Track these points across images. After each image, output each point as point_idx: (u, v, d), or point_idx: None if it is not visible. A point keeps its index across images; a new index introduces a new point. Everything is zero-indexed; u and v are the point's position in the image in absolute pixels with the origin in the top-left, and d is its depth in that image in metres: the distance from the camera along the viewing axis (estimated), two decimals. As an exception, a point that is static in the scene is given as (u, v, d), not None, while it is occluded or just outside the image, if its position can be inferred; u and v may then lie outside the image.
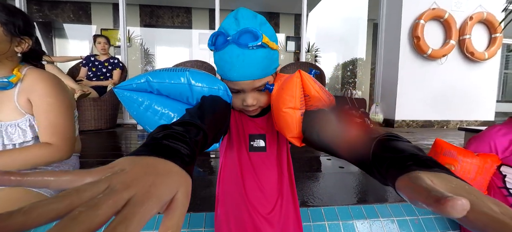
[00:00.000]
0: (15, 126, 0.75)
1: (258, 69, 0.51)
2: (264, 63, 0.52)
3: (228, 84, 0.55)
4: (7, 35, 0.71)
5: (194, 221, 0.80)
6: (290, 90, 0.50)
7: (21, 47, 0.76)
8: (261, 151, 0.61)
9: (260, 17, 0.53)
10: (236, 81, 0.53)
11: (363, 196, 1.00)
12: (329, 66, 6.75)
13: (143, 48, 5.73)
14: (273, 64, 0.55)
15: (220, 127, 0.48)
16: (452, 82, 3.58)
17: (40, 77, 0.77)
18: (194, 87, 0.52)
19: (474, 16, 3.42)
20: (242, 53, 0.49)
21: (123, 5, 3.22)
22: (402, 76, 3.44)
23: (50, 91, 0.76)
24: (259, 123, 0.63)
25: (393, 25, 3.55)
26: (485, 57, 3.50)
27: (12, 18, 0.71)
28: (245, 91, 0.55)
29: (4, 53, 0.72)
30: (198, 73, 0.54)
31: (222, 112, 0.51)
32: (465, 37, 3.42)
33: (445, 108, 3.63)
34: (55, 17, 5.20)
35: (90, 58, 2.80)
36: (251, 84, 0.53)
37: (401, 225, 0.87)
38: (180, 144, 0.28)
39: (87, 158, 1.51)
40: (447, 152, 0.83)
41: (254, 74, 0.52)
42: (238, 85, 0.54)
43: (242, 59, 0.49)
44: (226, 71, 0.53)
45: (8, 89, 0.74)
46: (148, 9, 5.47)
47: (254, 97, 0.55)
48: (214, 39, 0.52)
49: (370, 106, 3.96)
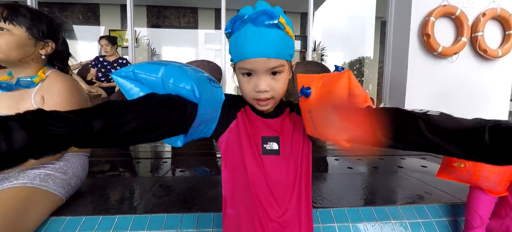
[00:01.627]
0: None
1: (273, 48, 0.51)
2: (280, 44, 0.52)
3: (241, 64, 0.54)
4: (32, 39, 0.77)
5: (202, 221, 0.80)
6: (339, 90, 0.46)
7: (45, 50, 0.82)
8: (274, 154, 0.59)
9: (278, 7, 0.54)
10: (250, 58, 0.51)
11: (372, 198, 0.98)
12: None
13: (150, 48, 5.79)
14: (289, 49, 0.55)
15: (158, 124, 0.44)
16: (464, 80, 3.49)
17: (59, 78, 0.82)
18: (166, 83, 0.50)
19: (487, 13, 3.32)
20: (258, 31, 0.50)
21: (131, 6, 3.25)
22: (411, 74, 3.37)
23: (61, 91, 0.80)
24: (272, 125, 0.61)
25: (402, 23, 3.48)
26: (498, 55, 3.40)
27: (36, 23, 0.77)
28: (258, 74, 0.53)
29: (29, 55, 0.78)
30: (173, 68, 0.52)
31: (160, 110, 0.45)
32: (477, 34, 3.33)
33: (456, 107, 3.54)
34: (65, 18, 5.31)
35: (99, 59, 2.85)
36: (265, 63, 0.52)
37: (413, 227, 0.84)
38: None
39: (97, 157, 1.53)
40: None
41: (269, 52, 0.51)
42: (251, 64, 0.52)
43: (258, 36, 0.50)
44: (240, 49, 0.52)
45: (31, 88, 0.80)
46: (155, 9, 5.52)
47: (267, 82, 0.53)
48: (232, 23, 0.53)
49: (377, 105, 3.90)
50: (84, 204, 0.87)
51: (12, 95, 0.80)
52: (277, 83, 0.55)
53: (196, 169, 1.29)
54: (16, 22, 0.74)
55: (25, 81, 0.78)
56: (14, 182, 0.73)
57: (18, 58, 0.77)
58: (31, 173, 0.77)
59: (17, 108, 0.79)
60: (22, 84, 0.79)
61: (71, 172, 0.86)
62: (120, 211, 0.83)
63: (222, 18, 3.41)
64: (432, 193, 1.02)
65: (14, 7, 0.75)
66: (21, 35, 0.76)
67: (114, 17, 5.39)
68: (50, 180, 0.79)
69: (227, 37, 0.56)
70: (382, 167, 1.41)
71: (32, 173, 0.77)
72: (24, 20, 0.76)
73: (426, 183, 1.12)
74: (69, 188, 0.85)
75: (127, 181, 1.12)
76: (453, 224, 0.88)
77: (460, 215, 0.90)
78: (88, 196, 0.94)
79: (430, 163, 1.51)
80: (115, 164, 1.41)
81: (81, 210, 0.83)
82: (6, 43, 0.73)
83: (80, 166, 0.92)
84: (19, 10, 0.75)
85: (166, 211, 0.83)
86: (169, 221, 0.80)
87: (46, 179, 0.78)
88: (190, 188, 1.03)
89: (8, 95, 0.80)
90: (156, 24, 5.64)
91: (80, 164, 0.92)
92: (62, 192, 0.81)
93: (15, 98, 0.79)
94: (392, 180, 1.18)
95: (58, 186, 0.80)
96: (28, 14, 0.76)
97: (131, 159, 1.57)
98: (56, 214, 0.79)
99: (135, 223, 0.79)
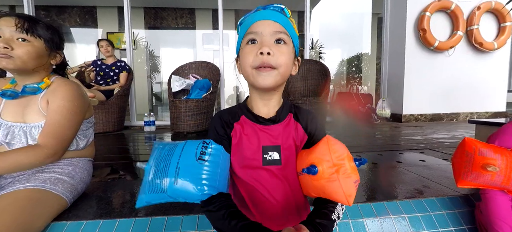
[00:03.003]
0: (38, 128, 0.80)
1: (278, 17, 0.55)
2: (285, 20, 0.56)
3: (248, 31, 0.56)
4: (47, 49, 0.83)
5: (202, 223, 0.81)
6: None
7: (55, 60, 0.89)
8: (275, 165, 0.58)
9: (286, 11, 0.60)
10: (257, 21, 0.55)
11: (372, 194, 0.98)
12: (333, 62, 6.70)
13: (148, 50, 5.79)
14: (292, 31, 0.58)
15: None
16: (461, 73, 3.50)
17: (63, 83, 0.86)
18: (178, 199, 0.56)
19: (482, 6, 3.33)
20: (266, 10, 0.56)
21: (128, 8, 3.25)
22: (409, 69, 3.38)
23: (64, 95, 0.83)
24: (273, 132, 0.60)
25: (398, 18, 3.49)
26: (494, 47, 3.42)
27: (52, 36, 0.83)
28: (262, 38, 0.54)
29: (43, 65, 0.83)
30: (172, 189, 0.55)
31: None
32: (473, 28, 3.34)
33: (454, 100, 3.55)
34: (62, 22, 5.29)
35: (96, 62, 2.84)
36: (271, 26, 0.54)
37: (412, 221, 0.85)
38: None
39: (97, 160, 1.53)
40: (483, 151, 0.70)
41: (275, 17, 0.55)
42: (257, 26, 0.55)
43: (265, 11, 0.56)
44: (248, 22, 0.57)
45: (37, 94, 0.83)
46: (152, 11, 5.52)
47: (271, 46, 0.53)
48: (244, 17, 0.59)
49: (376, 101, 3.91)
50: (85, 208, 0.87)
51: (18, 102, 0.83)
52: (281, 53, 0.54)
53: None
54: (37, 34, 0.78)
55: (32, 88, 0.81)
56: (26, 184, 0.74)
57: (33, 67, 0.81)
58: (41, 176, 0.78)
59: (23, 113, 0.82)
60: (28, 91, 0.82)
61: (78, 177, 0.88)
62: (120, 215, 0.83)
63: (219, 19, 3.41)
64: (431, 187, 1.02)
65: (34, 19, 0.79)
66: (40, 47, 0.80)
67: (111, 20, 5.38)
68: (60, 184, 0.80)
69: (238, 32, 0.61)
70: (382, 163, 1.42)
71: (43, 176, 0.79)
72: (43, 32, 0.80)
73: (425, 177, 1.13)
74: (75, 193, 0.87)
75: (127, 184, 1.12)
76: (451, 217, 0.89)
77: (458, 208, 0.91)
78: (89, 200, 0.94)
79: (429, 157, 1.52)
80: (115, 167, 1.41)
81: (81, 215, 0.83)
82: (27, 53, 0.77)
83: (86, 171, 0.93)
84: (39, 23, 0.79)
85: (166, 214, 0.83)
86: (169, 223, 0.80)
87: (56, 183, 0.79)
88: (190, 189, 1.03)
89: (14, 102, 0.82)
90: (154, 26, 5.64)
91: (86, 169, 0.93)
92: (69, 197, 0.82)
93: (21, 105, 0.82)
94: (392, 175, 1.19)
95: (67, 190, 0.81)
96: (44, 26, 0.81)
97: (131, 161, 1.57)
98: (57, 218, 0.80)
99: (136, 226, 0.79)
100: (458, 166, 0.76)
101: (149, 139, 2.43)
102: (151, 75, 5.96)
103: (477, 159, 0.69)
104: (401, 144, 1.96)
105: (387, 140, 2.19)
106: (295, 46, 0.59)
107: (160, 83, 6.14)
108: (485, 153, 0.69)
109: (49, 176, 0.80)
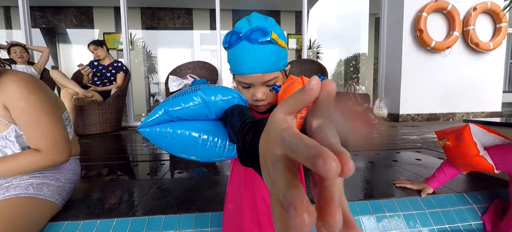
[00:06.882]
0: (3, 139, 0.72)
1: (267, 63, 0.56)
2: (273, 58, 0.56)
3: (239, 78, 0.59)
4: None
5: (200, 221, 0.81)
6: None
7: None
8: None
9: (271, 19, 0.59)
10: (247, 74, 0.57)
11: (368, 192, 0.99)
12: (331, 62, 6.72)
13: (145, 50, 5.76)
14: (282, 60, 0.59)
15: None
16: (457, 74, 3.53)
17: (9, 78, 0.68)
18: (209, 103, 0.55)
19: (478, 7, 3.37)
20: (253, 48, 0.54)
21: (124, 8, 3.24)
22: (406, 69, 3.41)
23: (22, 94, 0.69)
24: None
25: (395, 19, 3.51)
26: (490, 48, 3.45)
27: None
28: (255, 86, 0.59)
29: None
30: (209, 88, 0.56)
31: None
32: (469, 28, 3.37)
33: (451, 100, 3.58)
34: (58, 22, 5.26)
35: (93, 63, 2.83)
36: (261, 77, 0.57)
37: (407, 219, 0.86)
38: None
39: (93, 161, 1.53)
40: (442, 134, 0.90)
41: (264, 68, 0.56)
42: (248, 79, 0.58)
43: (253, 54, 0.54)
44: (237, 65, 0.58)
45: None
46: (149, 11, 5.50)
47: (263, 92, 0.59)
48: (228, 38, 0.58)
49: (374, 101, 3.93)
50: (82, 208, 0.87)
51: None
52: (273, 92, 0.60)
53: (195, 170, 1.30)
54: None
55: None
56: (6, 194, 0.69)
57: None
58: (21, 183, 0.73)
59: None
60: None
61: (63, 179, 0.84)
62: (118, 214, 0.83)
63: (216, 18, 3.41)
64: (426, 185, 1.04)
65: None
66: None
67: (108, 20, 5.35)
68: (45, 188, 0.77)
69: (225, 48, 0.61)
70: (378, 162, 1.43)
71: (22, 183, 0.73)
72: None
73: (420, 176, 1.14)
74: (65, 194, 0.84)
75: (125, 184, 1.12)
76: (446, 214, 0.90)
77: (453, 205, 0.92)
78: (86, 200, 0.94)
79: (425, 156, 1.53)
80: (113, 168, 1.41)
81: (79, 214, 0.83)
82: None
83: (72, 171, 0.89)
84: None
85: (164, 213, 0.83)
86: (167, 222, 0.80)
87: (41, 188, 0.76)
88: (188, 189, 1.04)
89: None
90: (151, 26, 5.62)
91: (71, 169, 0.89)
92: (59, 199, 0.80)
93: None
94: (388, 174, 1.20)
95: (54, 193, 0.79)
96: None
97: (129, 162, 1.57)
98: (54, 219, 0.80)
99: (133, 225, 0.79)
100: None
101: (146, 139, 2.42)
102: (148, 75, 5.94)
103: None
104: (397, 144, 1.98)
105: (384, 139, 2.20)
106: (284, 64, 0.62)
107: (157, 83, 6.12)
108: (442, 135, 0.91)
109: (31, 182, 0.75)
